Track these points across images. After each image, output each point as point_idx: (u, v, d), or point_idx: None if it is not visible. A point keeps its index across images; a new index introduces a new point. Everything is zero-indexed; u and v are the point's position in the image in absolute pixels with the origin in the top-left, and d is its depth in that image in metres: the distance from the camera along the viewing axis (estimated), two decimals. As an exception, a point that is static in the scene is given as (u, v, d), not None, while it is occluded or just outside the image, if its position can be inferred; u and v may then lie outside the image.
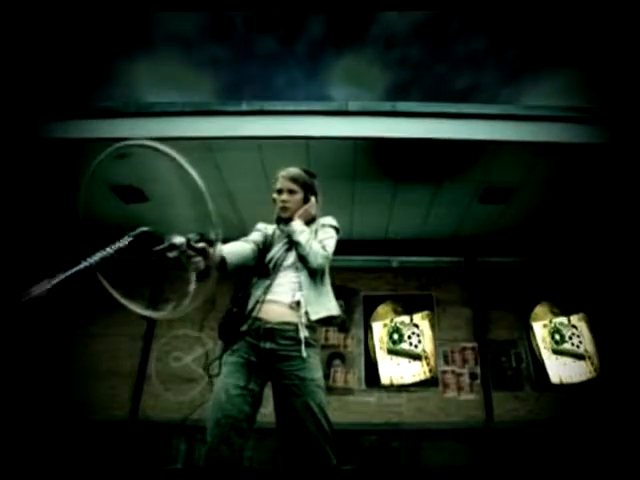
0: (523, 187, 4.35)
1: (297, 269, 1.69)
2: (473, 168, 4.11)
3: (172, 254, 1.44)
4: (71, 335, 4.94)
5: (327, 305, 1.67)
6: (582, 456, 4.06)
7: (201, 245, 1.45)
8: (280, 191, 1.80)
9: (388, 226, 5.12)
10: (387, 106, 3.94)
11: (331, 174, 4.13)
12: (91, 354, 4.87)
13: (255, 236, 1.82)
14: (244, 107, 3.89)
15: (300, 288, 1.65)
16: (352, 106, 3.90)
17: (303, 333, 1.56)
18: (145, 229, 1.48)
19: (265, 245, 1.80)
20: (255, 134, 3.76)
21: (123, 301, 1.39)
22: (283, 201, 1.78)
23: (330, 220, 1.86)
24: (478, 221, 4.97)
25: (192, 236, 1.46)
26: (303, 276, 1.67)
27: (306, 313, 1.60)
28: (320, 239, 1.74)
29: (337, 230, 1.85)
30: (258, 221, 1.95)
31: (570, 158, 3.93)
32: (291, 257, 1.72)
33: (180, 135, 3.77)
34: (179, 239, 1.43)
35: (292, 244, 1.73)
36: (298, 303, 1.62)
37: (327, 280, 1.76)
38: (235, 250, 1.67)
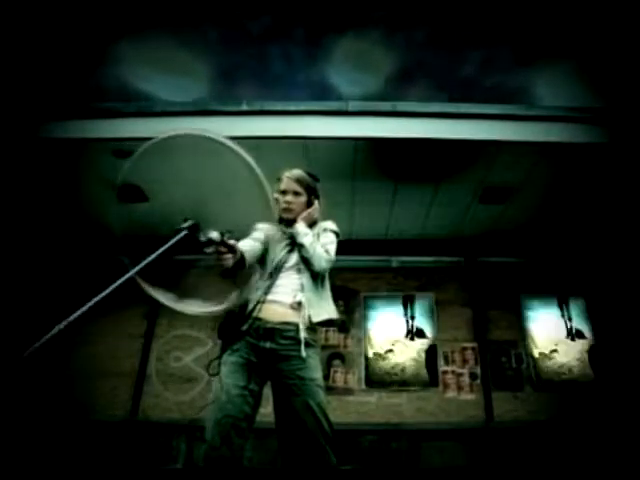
0: (523, 187, 4.35)
1: (299, 271, 1.70)
2: (473, 168, 4.11)
3: (209, 249, 1.42)
4: (71, 335, 4.94)
5: (327, 308, 1.68)
6: (582, 456, 4.06)
7: (232, 242, 1.45)
8: (285, 192, 1.80)
9: (388, 226, 5.12)
10: (387, 106, 3.94)
11: (331, 174, 4.13)
12: (91, 354, 4.87)
13: (259, 235, 1.81)
14: (244, 107, 3.89)
15: (302, 290, 1.66)
16: (352, 106, 3.90)
17: (303, 333, 1.57)
18: (194, 221, 1.44)
19: (266, 245, 1.80)
20: (255, 134, 3.76)
21: (170, 302, 1.35)
22: (287, 202, 1.78)
23: (331, 225, 1.87)
24: (478, 221, 4.97)
25: (224, 232, 1.45)
26: (305, 278, 1.68)
27: (308, 315, 1.61)
28: (322, 243, 1.75)
29: (337, 235, 1.85)
30: (257, 221, 1.95)
31: (570, 158, 3.93)
32: (293, 258, 1.72)
33: (180, 135, 3.77)
34: (216, 234, 1.41)
35: (294, 245, 1.74)
36: (299, 303, 1.63)
37: (327, 284, 1.77)
38: (248, 249, 1.66)
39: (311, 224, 1.83)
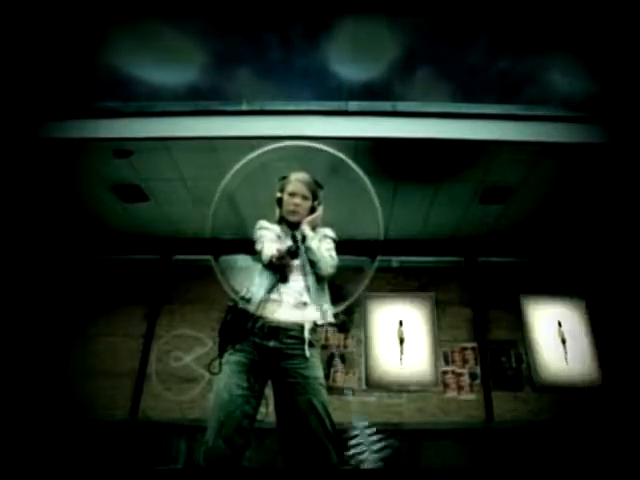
0: (523, 187, 4.35)
1: (304, 272, 1.71)
2: (473, 168, 4.11)
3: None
4: (71, 335, 4.94)
5: (328, 312, 1.71)
6: (582, 456, 4.06)
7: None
8: (294, 194, 1.83)
9: (388, 226, 5.12)
10: (387, 106, 3.94)
11: (330, 174, 4.13)
12: (91, 354, 4.87)
13: (273, 235, 1.83)
14: (244, 107, 3.89)
15: (307, 290, 1.68)
16: (352, 106, 3.90)
17: (307, 333, 1.59)
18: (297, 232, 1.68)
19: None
20: (255, 134, 3.77)
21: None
22: (296, 205, 1.81)
23: (330, 232, 1.91)
24: (478, 221, 4.97)
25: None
26: (310, 280, 1.70)
27: (313, 316, 1.64)
28: (325, 248, 1.78)
29: (335, 242, 1.89)
30: (258, 221, 1.95)
31: (570, 158, 3.93)
32: (297, 260, 1.74)
33: (180, 135, 3.78)
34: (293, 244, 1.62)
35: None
36: (304, 304, 1.65)
37: (327, 287, 1.79)
38: None
39: (312, 229, 1.85)
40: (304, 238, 1.71)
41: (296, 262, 1.73)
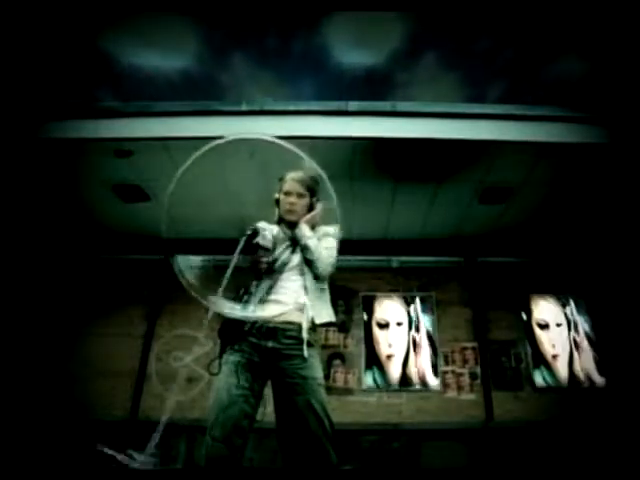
0: (523, 187, 4.35)
1: (302, 272, 1.71)
2: (473, 168, 4.11)
3: (261, 252, 1.63)
4: (71, 335, 4.94)
5: (328, 311, 1.70)
6: (582, 456, 4.06)
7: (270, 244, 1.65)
8: (289, 193, 1.81)
9: (388, 226, 5.12)
10: (387, 106, 3.95)
11: (330, 174, 4.13)
12: (91, 354, 4.87)
13: (269, 236, 1.82)
14: (244, 107, 3.90)
15: (305, 290, 1.67)
16: (352, 106, 3.91)
17: (306, 333, 1.58)
18: (254, 228, 1.63)
19: (274, 246, 1.81)
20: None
21: None
22: (292, 204, 1.79)
23: (332, 230, 1.88)
24: (478, 221, 4.97)
25: (264, 233, 1.63)
26: (308, 279, 1.69)
27: (311, 316, 1.63)
28: (325, 247, 1.76)
29: (339, 241, 1.86)
30: (258, 221, 1.95)
31: (570, 158, 3.93)
32: (295, 259, 1.74)
33: (180, 135, 3.78)
34: (261, 238, 1.60)
35: (296, 247, 1.75)
36: (302, 304, 1.64)
37: (327, 286, 1.78)
38: None
39: (312, 227, 1.84)
40: (255, 235, 1.66)
41: (295, 261, 1.73)
